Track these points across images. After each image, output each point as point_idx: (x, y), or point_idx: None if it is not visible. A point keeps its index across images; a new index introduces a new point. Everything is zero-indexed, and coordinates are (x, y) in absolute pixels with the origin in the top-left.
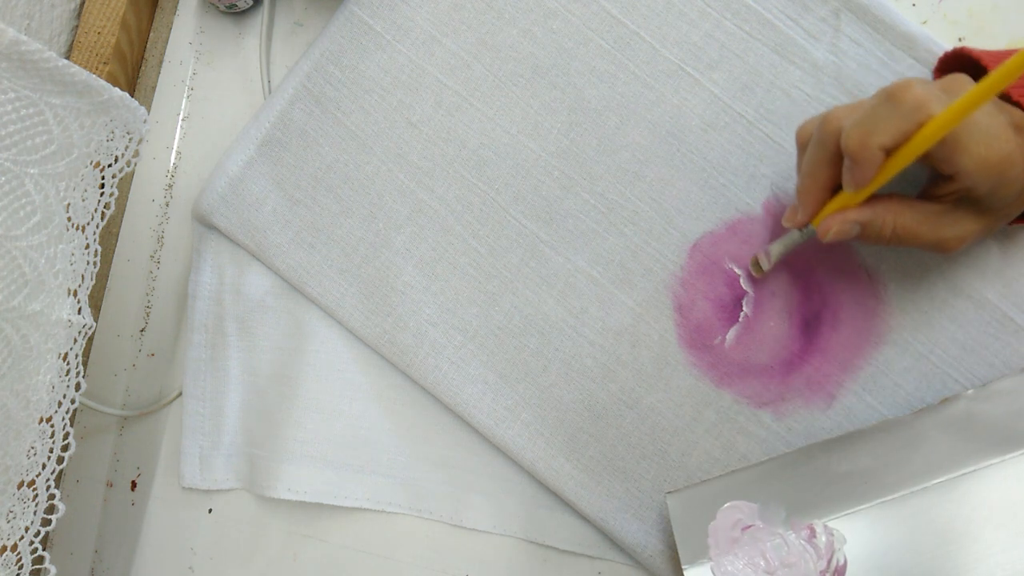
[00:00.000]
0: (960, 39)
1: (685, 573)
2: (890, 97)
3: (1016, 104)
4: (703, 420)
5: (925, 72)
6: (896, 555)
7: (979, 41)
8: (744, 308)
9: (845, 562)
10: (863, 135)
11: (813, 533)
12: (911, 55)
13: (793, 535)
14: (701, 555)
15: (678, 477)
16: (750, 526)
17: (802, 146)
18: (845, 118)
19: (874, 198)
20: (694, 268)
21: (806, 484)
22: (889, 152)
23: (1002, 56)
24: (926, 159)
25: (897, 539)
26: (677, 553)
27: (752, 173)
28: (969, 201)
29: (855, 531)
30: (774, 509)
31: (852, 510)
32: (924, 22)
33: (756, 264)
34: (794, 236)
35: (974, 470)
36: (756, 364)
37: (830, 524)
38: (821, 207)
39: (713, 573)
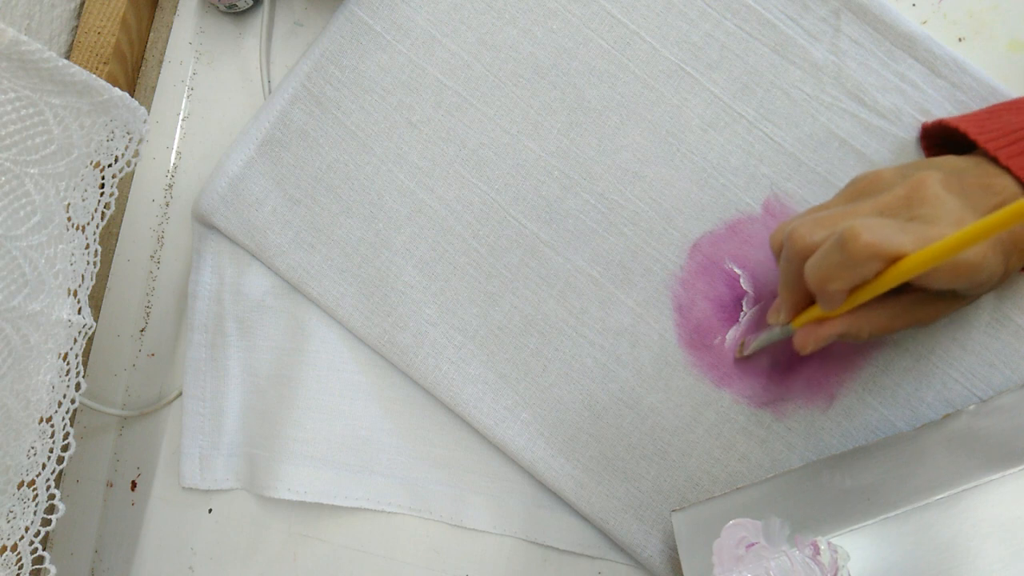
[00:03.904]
0: (960, 39)
1: None
2: (842, 245)
3: (1006, 169)
4: (703, 420)
5: (925, 72)
6: (899, 571)
7: (979, 41)
8: (744, 308)
9: None
10: (819, 280)
11: (817, 550)
12: (911, 55)
13: (797, 552)
14: (706, 573)
15: (678, 477)
16: (754, 544)
17: (775, 252)
18: (808, 235)
19: None
20: (694, 268)
21: (810, 501)
22: (850, 290)
23: (982, 118)
24: None
25: (900, 555)
26: (678, 554)
27: (752, 173)
28: (943, 292)
29: (859, 547)
30: (778, 526)
31: (856, 526)
32: (924, 22)
33: (740, 347)
34: (775, 333)
35: (975, 485)
36: (756, 364)
37: (834, 541)
38: (801, 310)
39: None
